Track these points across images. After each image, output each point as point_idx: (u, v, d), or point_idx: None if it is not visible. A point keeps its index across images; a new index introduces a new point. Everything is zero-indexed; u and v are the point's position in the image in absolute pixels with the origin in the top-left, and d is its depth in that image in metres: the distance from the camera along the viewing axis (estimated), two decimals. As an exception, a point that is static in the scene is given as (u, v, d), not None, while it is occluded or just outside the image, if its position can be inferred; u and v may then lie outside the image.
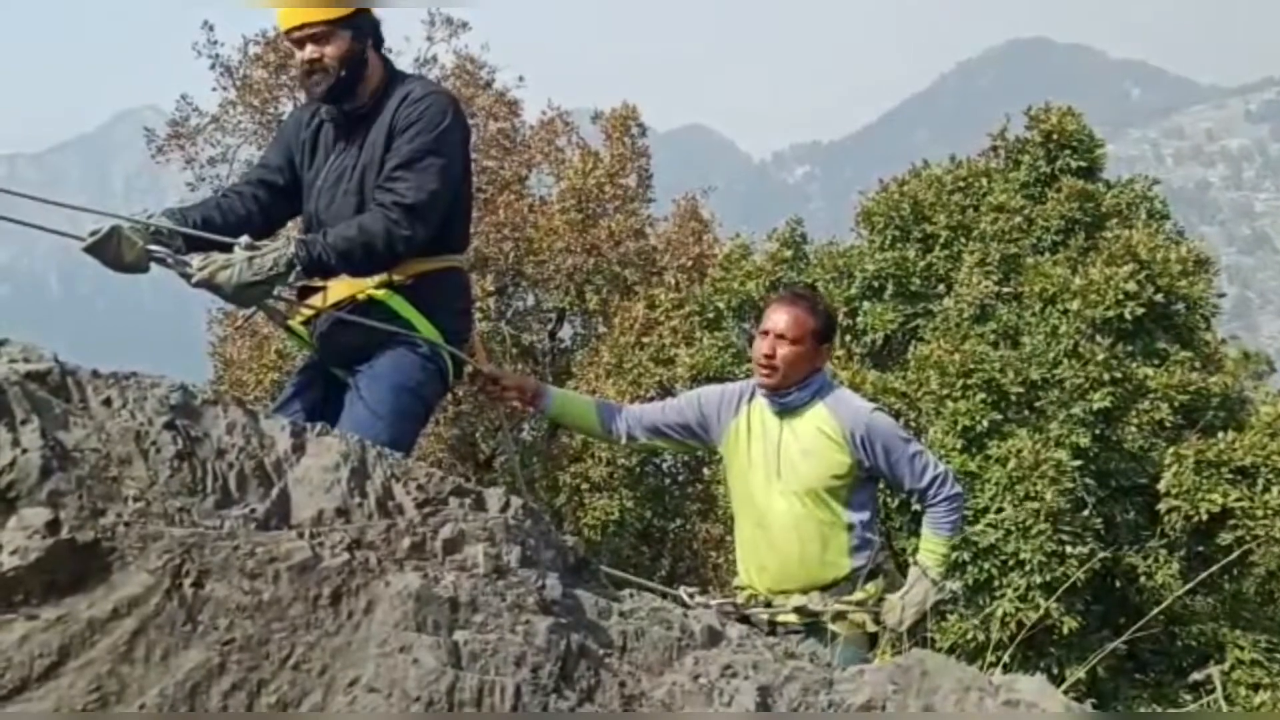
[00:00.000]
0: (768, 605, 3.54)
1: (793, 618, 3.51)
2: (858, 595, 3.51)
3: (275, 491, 1.78)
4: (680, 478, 16.91)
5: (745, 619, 3.39)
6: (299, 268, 3.03)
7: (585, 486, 15.44)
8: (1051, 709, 1.99)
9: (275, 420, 1.89)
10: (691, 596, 3.51)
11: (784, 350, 3.51)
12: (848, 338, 12.40)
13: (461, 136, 3.34)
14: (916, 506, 3.78)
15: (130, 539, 1.61)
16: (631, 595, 2.15)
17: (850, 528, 3.54)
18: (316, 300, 3.29)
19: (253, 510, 1.73)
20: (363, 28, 3.25)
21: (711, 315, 14.04)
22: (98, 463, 1.66)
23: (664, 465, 16.60)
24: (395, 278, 3.26)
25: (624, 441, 3.90)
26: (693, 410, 3.76)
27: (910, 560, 3.67)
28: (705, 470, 15.36)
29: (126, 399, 1.76)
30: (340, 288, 3.26)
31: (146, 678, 1.55)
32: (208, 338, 17.28)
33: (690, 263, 16.71)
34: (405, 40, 17.24)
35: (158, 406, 1.75)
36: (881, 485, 3.83)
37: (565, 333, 18.04)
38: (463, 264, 3.56)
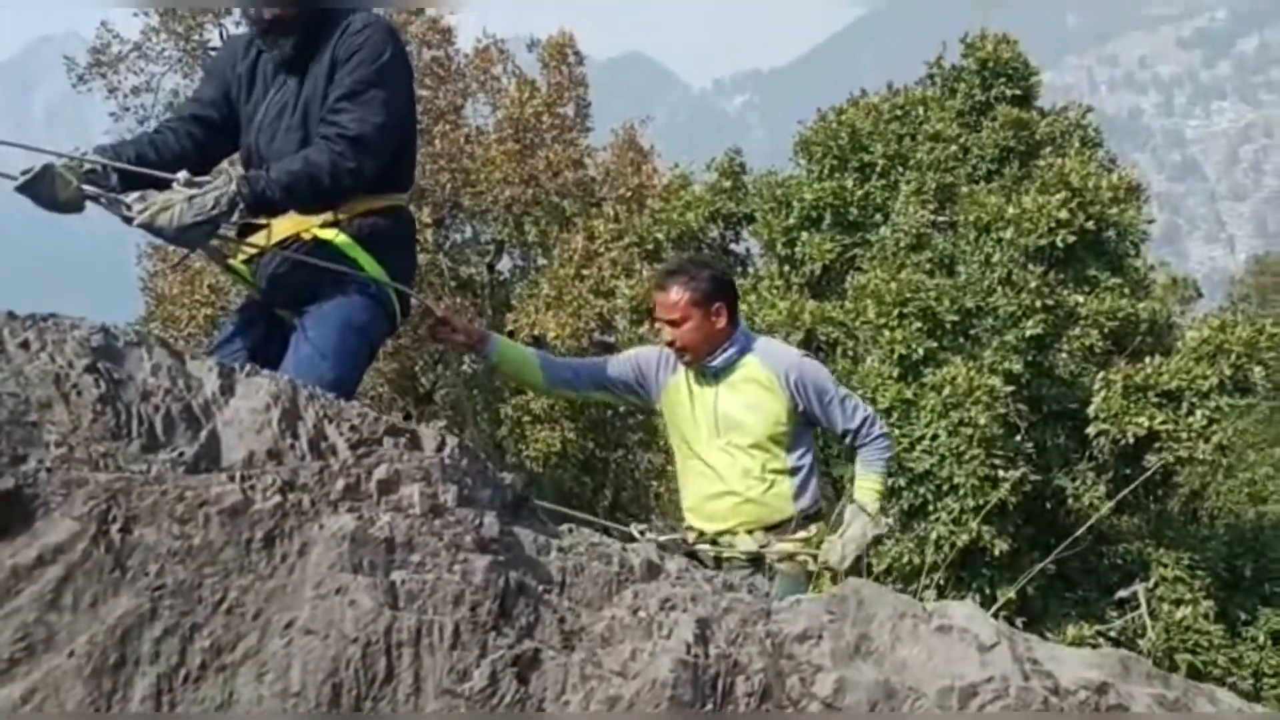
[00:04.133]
0: (713, 543, 3.61)
1: (739, 555, 3.58)
2: (800, 535, 3.60)
3: (204, 434, 1.75)
4: (620, 409, 16.97)
5: (693, 555, 3.45)
6: (243, 206, 2.92)
7: (527, 419, 15.44)
8: (982, 634, 2.03)
9: (202, 361, 1.85)
10: (642, 534, 3.55)
11: (678, 332, 3.58)
12: (786, 268, 12.43)
13: (404, 68, 3.28)
14: (848, 444, 3.87)
15: (53, 485, 1.57)
16: (571, 530, 2.15)
17: (793, 473, 3.64)
18: (260, 238, 3.20)
19: (181, 454, 1.70)
20: None
21: (651, 246, 13.98)
22: (16, 408, 1.61)
23: (604, 397, 16.63)
24: (340, 216, 3.19)
25: (562, 390, 3.93)
26: (632, 370, 3.81)
27: (847, 498, 3.76)
28: (646, 401, 15.40)
29: (45, 341, 1.71)
30: (284, 226, 3.17)
31: (75, 624, 1.52)
32: (138, 272, 16.89)
33: (630, 193, 16.60)
34: (334, -36, 16.74)
35: (78, 349, 1.70)
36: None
37: (504, 265, 17.89)
38: (406, 202, 3.50)
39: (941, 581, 9.67)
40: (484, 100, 17.27)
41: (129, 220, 2.89)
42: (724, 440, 3.63)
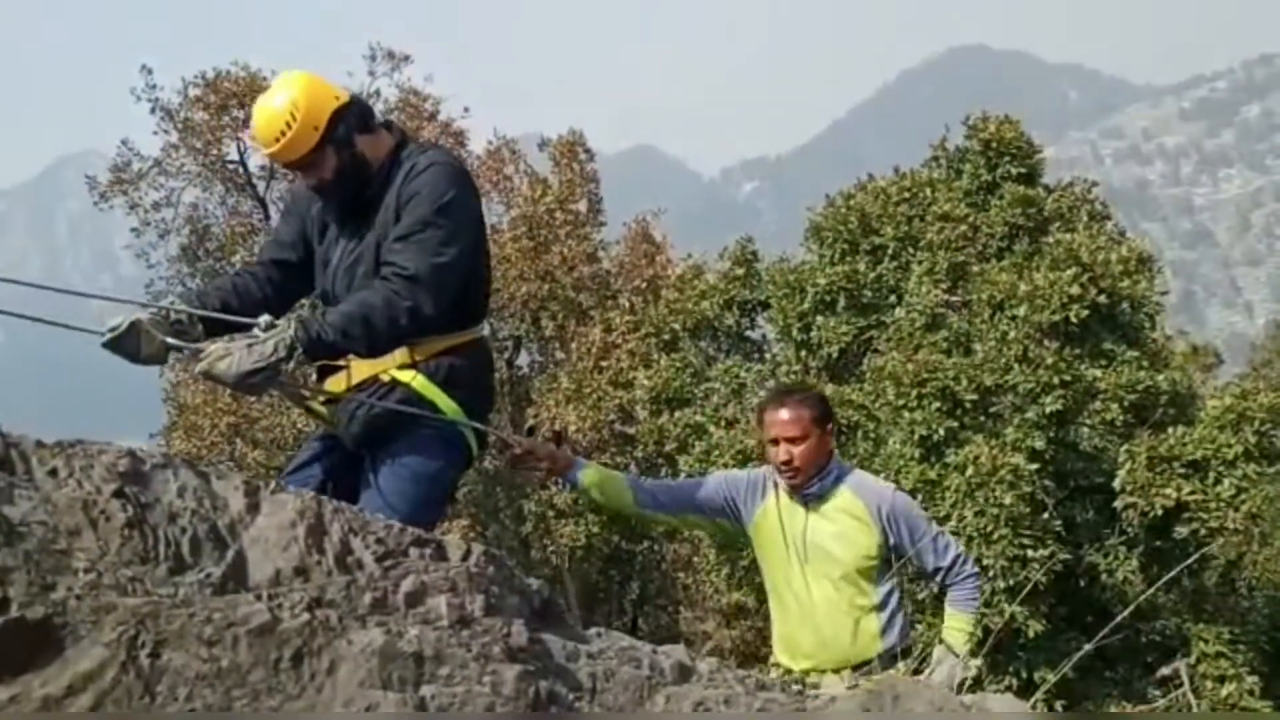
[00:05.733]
0: (800, 685, 3.54)
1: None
2: (888, 674, 3.52)
3: (230, 554, 1.75)
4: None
5: None
6: (300, 350, 2.94)
7: (551, 514, 15.39)
8: (1021, 726, 2.00)
9: (227, 480, 1.87)
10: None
11: (797, 450, 3.54)
12: (803, 352, 12.46)
13: (468, 205, 3.22)
14: (935, 586, 3.79)
15: (83, 612, 1.57)
16: (600, 634, 2.13)
17: (880, 608, 3.56)
18: (339, 381, 3.21)
19: (208, 575, 1.70)
20: (343, 133, 3.16)
21: (668, 336, 14.07)
22: (45, 535, 1.63)
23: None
24: (417, 357, 3.17)
25: (653, 513, 3.86)
26: (724, 492, 3.74)
27: (935, 639, 3.69)
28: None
29: (73, 468, 1.73)
30: (362, 368, 3.17)
31: (105, 754, 1.51)
32: (161, 383, 17.07)
33: (644, 284, 16.77)
34: (348, 76, 17.25)
35: (105, 474, 1.72)
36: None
37: (523, 360, 18.02)
38: (483, 334, 3.47)
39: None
40: (497, 199, 17.57)
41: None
42: (812, 571, 3.56)
